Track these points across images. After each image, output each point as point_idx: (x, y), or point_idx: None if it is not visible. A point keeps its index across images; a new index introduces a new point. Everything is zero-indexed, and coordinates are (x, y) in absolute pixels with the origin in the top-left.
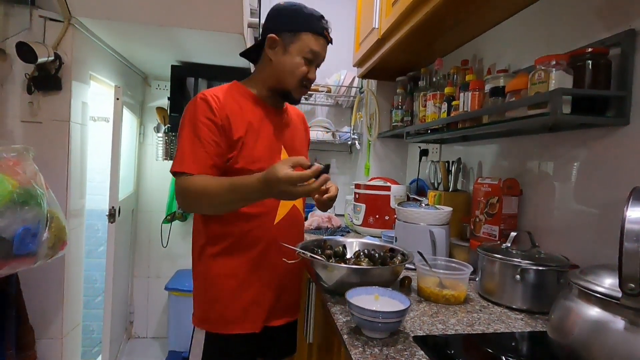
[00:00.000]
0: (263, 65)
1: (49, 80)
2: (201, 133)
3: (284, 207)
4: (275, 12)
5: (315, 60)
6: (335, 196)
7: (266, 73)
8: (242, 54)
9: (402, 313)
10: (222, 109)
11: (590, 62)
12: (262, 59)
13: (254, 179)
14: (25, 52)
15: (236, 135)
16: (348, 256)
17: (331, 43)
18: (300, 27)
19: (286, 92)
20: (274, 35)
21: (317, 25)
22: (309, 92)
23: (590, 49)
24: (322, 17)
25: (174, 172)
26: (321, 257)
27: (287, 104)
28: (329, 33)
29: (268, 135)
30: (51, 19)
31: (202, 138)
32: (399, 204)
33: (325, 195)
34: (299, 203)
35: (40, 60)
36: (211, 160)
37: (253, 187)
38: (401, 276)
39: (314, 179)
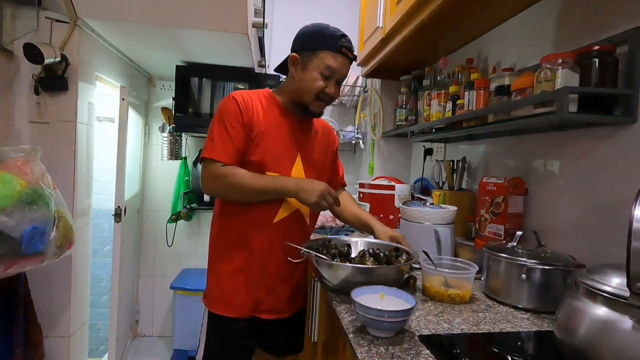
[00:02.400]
0: (288, 80)
1: (55, 81)
2: (229, 127)
3: (285, 209)
4: (300, 33)
5: (333, 76)
6: None
7: (290, 87)
8: (276, 70)
9: (407, 312)
10: (248, 109)
11: (597, 60)
12: (288, 74)
13: (290, 181)
14: (32, 53)
15: (255, 131)
16: (353, 255)
17: (355, 60)
18: (318, 45)
19: (304, 105)
20: (294, 54)
21: (334, 44)
22: None
23: (596, 47)
24: (343, 36)
25: (204, 158)
26: (326, 256)
27: None
28: (349, 51)
29: (286, 140)
30: (57, 20)
31: (229, 131)
32: (403, 203)
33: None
34: (304, 209)
35: (47, 61)
36: (235, 151)
37: (289, 184)
38: (406, 275)
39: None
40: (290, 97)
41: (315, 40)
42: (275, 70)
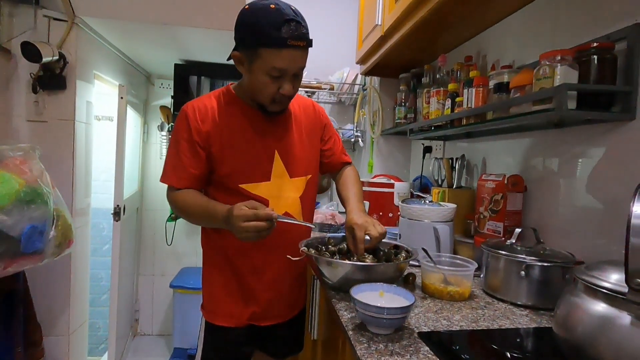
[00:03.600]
0: (243, 76)
1: (53, 79)
2: (180, 147)
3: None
4: (237, 21)
5: (284, 74)
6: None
7: (245, 84)
8: (228, 59)
9: (406, 309)
10: (201, 123)
11: (595, 57)
12: None
13: (221, 211)
14: (30, 51)
15: (215, 145)
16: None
17: (310, 46)
18: (256, 42)
19: (262, 106)
20: (235, 52)
21: (275, 37)
22: (311, 90)
23: (595, 44)
24: (285, 22)
25: (161, 181)
26: (325, 254)
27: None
28: (298, 39)
29: (256, 140)
30: (55, 19)
31: (181, 152)
32: (402, 201)
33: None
34: (294, 210)
35: (45, 59)
36: (188, 174)
37: (218, 218)
38: (405, 273)
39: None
40: (248, 95)
41: (253, 35)
42: (228, 59)
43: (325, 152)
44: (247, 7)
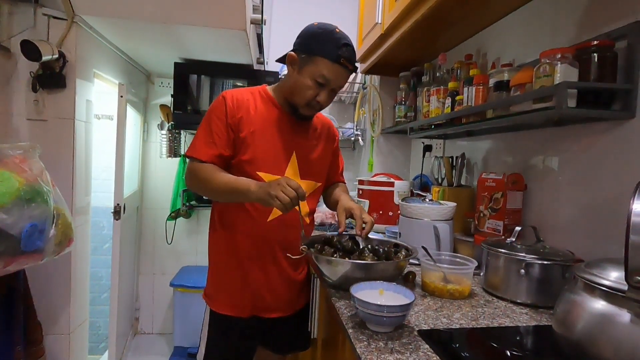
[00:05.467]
0: (286, 77)
1: (53, 78)
2: (213, 127)
3: None
4: (303, 31)
5: (327, 85)
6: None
7: (286, 85)
8: (277, 60)
9: (406, 307)
10: (237, 109)
11: (596, 55)
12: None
13: (252, 182)
14: (30, 50)
15: (245, 131)
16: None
17: (355, 72)
18: (316, 50)
19: (295, 106)
20: (292, 53)
21: (333, 53)
22: None
23: (595, 42)
24: (345, 45)
25: (187, 155)
26: (325, 252)
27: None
28: (349, 62)
29: (280, 139)
30: (55, 17)
31: (214, 131)
32: (402, 200)
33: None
34: (301, 206)
35: (44, 58)
36: (217, 151)
37: (246, 183)
38: (405, 271)
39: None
40: (284, 94)
41: (315, 44)
42: (277, 60)
43: (331, 168)
44: (315, 23)
